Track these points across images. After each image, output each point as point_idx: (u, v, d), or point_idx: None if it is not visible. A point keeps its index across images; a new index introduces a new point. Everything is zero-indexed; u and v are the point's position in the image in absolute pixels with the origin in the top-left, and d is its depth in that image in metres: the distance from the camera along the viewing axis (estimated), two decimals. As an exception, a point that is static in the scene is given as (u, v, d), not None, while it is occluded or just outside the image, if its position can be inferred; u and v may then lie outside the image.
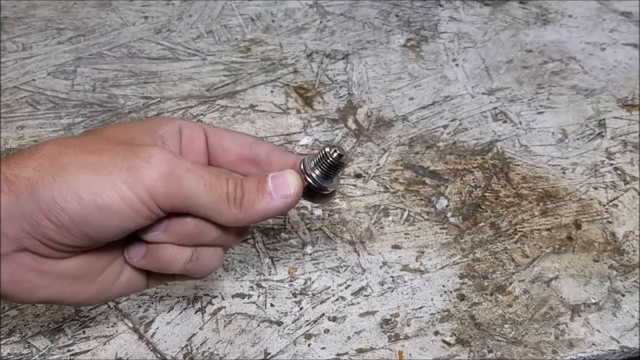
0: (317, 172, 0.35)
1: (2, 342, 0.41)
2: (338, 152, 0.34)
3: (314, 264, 0.47)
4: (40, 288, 0.32)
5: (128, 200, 0.30)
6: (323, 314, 0.44)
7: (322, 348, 0.42)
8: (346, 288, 0.45)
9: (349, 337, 0.42)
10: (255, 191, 0.33)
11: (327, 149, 0.34)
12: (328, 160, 0.34)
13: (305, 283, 0.46)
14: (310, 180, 0.35)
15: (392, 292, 0.45)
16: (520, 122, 0.59)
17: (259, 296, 0.45)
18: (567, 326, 0.43)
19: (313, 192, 0.35)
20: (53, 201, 0.29)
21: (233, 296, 0.45)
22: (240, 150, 0.37)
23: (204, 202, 0.32)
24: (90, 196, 0.29)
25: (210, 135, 0.37)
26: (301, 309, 0.44)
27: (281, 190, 0.34)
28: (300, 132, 0.57)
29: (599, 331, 0.43)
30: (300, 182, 0.34)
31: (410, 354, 0.42)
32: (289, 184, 0.34)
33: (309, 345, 0.42)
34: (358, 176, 0.54)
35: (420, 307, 0.44)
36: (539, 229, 0.50)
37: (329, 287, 0.45)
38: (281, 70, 0.64)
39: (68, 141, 0.32)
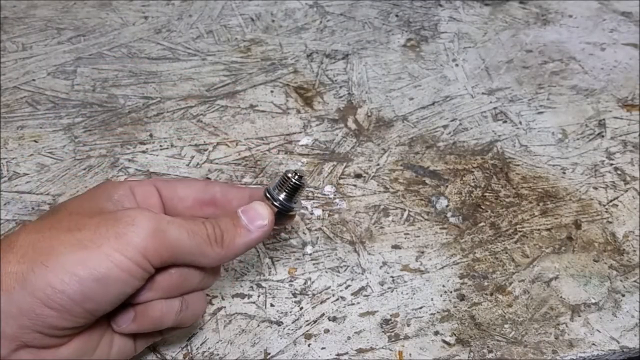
0: (282, 196, 0.38)
1: None
2: (298, 174, 0.38)
3: (314, 264, 0.47)
4: None
5: (124, 267, 0.30)
6: (323, 314, 0.44)
7: (322, 348, 0.42)
8: (346, 288, 0.45)
9: (349, 337, 0.42)
10: (233, 228, 0.35)
11: (288, 174, 0.38)
12: (290, 183, 0.38)
13: (305, 283, 0.46)
14: (277, 204, 0.38)
15: (392, 292, 0.45)
16: (520, 122, 0.59)
17: (259, 296, 0.45)
18: (567, 326, 0.43)
19: (281, 214, 0.39)
20: (51, 287, 0.29)
21: (233, 296, 0.45)
22: (196, 195, 0.39)
23: (190, 248, 0.33)
24: (87, 272, 0.29)
25: (163, 188, 0.38)
26: (301, 309, 0.44)
27: (255, 221, 0.36)
28: (300, 132, 0.57)
29: (599, 331, 0.43)
30: (269, 209, 0.37)
31: (410, 354, 0.42)
32: (261, 213, 0.36)
33: (309, 345, 0.42)
34: (358, 176, 0.54)
35: (420, 307, 0.44)
36: (539, 229, 0.50)
37: (329, 287, 0.45)
38: (281, 70, 0.64)
39: (38, 225, 0.32)
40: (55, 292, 0.29)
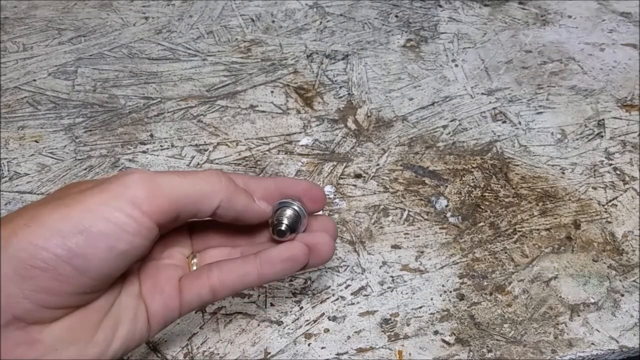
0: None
1: None
2: (278, 228, 0.35)
3: (314, 263, 0.47)
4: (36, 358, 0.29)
5: (111, 218, 0.28)
6: (323, 314, 0.44)
7: (322, 347, 0.42)
8: (346, 288, 0.46)
9: (348, 337, 0.43)
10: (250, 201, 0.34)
11: (274, 224, 0.35)
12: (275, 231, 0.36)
13: (305, 283, 0.46)
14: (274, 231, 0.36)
15: (391, 291, 0.45)
16: (520, 123, 0.59)
17: (259, 296, 0.45)
18: (566, 326, 0.43)
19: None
20: (33, 245, 0.27)
21: (233, 296, 0.45)
22: None
23: (186, 190, 0.31)
24: (69, 225, 0.28)
25: None
26: (301, 308, 0.44)
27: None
28: (300, 133, 0.58)
29: (598, 331, 0.43)
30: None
31: (409, 354, 0.42)
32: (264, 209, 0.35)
33: (309, 344, 0.42)
34: (358, 176, 0.54)
35: (420, 307, 0.44)
36: (538, 229, 0.50)
37: (329, 287, 0.45)
38: (281, 71, 0.64)
39: (34, 202, 0.31)
40: (38, 248, 0.27)
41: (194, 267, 0.37)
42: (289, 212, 0.36)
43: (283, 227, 0.35)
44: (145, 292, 0.34)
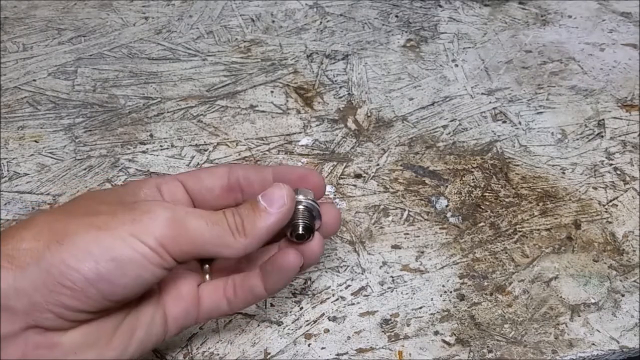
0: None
1: None
2: (297, 232, 0.36)
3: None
4: None
5: (140, 250, 0.30)
6: (323, 314, 0.44)
7: (322, 348, 0.42)
8: (346, 288, 0.45)
9: (348, 337, 0.42)
10: (252, 213, 0.34)
11: (292, 227, 0.36)
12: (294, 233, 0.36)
13: (305, 283, 0.46)
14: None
15: (392, 292, 0.45)
16: (520, 122, 0.59)
17: (259, 296, 0.45)
18: (566, 326, 0.43)
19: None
20: (65, 264, 0.28)
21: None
22: (221, 183, 0.38)
23: (211, 238, 0.32)
24: (102, 250, 0.29)
25: (188, 182, 0.38)
26: (301, 308, 0.44)
27: (275, 202, 0.34)
28: (300, 133, 0.57)
29: (599, 331, 0.43)
30: (288, 189, 0.35)
31: (410, 354, 0.42)
32: (279, 193, 0.35)
33: (309, 345, 0.42)
34: (358, 176, 0.54)
35: (420, 307, 0.44)
36: (538, 229, 0.50)
37: (329, 287, 0.45)
38: (281, 71, 0.64)
39: (56, 210, 0.32)
40: (70, 269, 0.28)
41: (207, 273, 0.38)
42: (303, 211, 0.36)
43: (301, 231, 0.36)
44: (165, 297, 0.35)
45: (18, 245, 0.29)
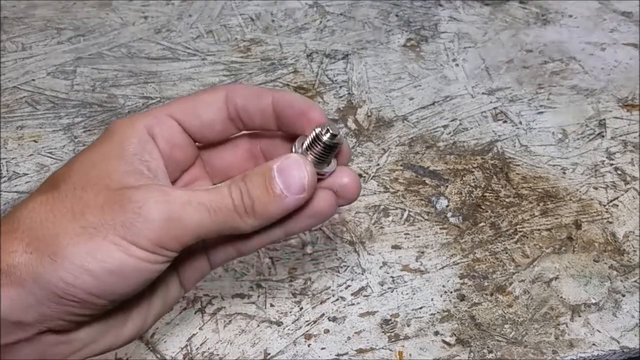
0: (310, 157, 0.31)
1: None
2: (331, 132, 0.30)
3: (313, 264, 0.47)
4: (75, 352, 0.31)
5: (136, 254, 0.28)
6: (323, 314, 0.44)
7: (322, 348, 0.42)
8: (346, 288, 0.45)
9: (349, 338, 0.42)
10: (265, 194, 0.30)
11: (317, 130, 0.31)
12: (320, 144, 0.31)
13: (305, 283, 0.46)
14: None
15: (392, 292, 0.45)
16: (521, 122, 0.59)
17: (258, 296, 0.45)
18: (567, 326, 0.43)
19: None
20: (64, 283, 0.27)
21: (233, 296, 0.45)
22: (221, 116, 0.33)
23: (216, 226, 0.30)
24: (98, 264, 0.28)
25: (184, 119, 0.33)
26: (301, 309, 0.44)
27: (292, 186, 0.30)
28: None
29: (599, 331, 0.43)
30: (311, 167, 0.31)
31: (410, 354, 0.42)
32: (298, 175, 0.30)
33: (308, 345, 0.42)
34: (358, 176, 0.54)
35: (420, 307, 0.44)
36: (539, 229, 0.50)
37: (329, 287, 0.45)
38: (281, 70, 0.64)
39: (38, 201, 0.29)
40: (69, 286, 0.27)
41: None
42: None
43: (333, 131, 0.30)
44: (177, 262, 0.33)
45: (11, 261, 0.28)
